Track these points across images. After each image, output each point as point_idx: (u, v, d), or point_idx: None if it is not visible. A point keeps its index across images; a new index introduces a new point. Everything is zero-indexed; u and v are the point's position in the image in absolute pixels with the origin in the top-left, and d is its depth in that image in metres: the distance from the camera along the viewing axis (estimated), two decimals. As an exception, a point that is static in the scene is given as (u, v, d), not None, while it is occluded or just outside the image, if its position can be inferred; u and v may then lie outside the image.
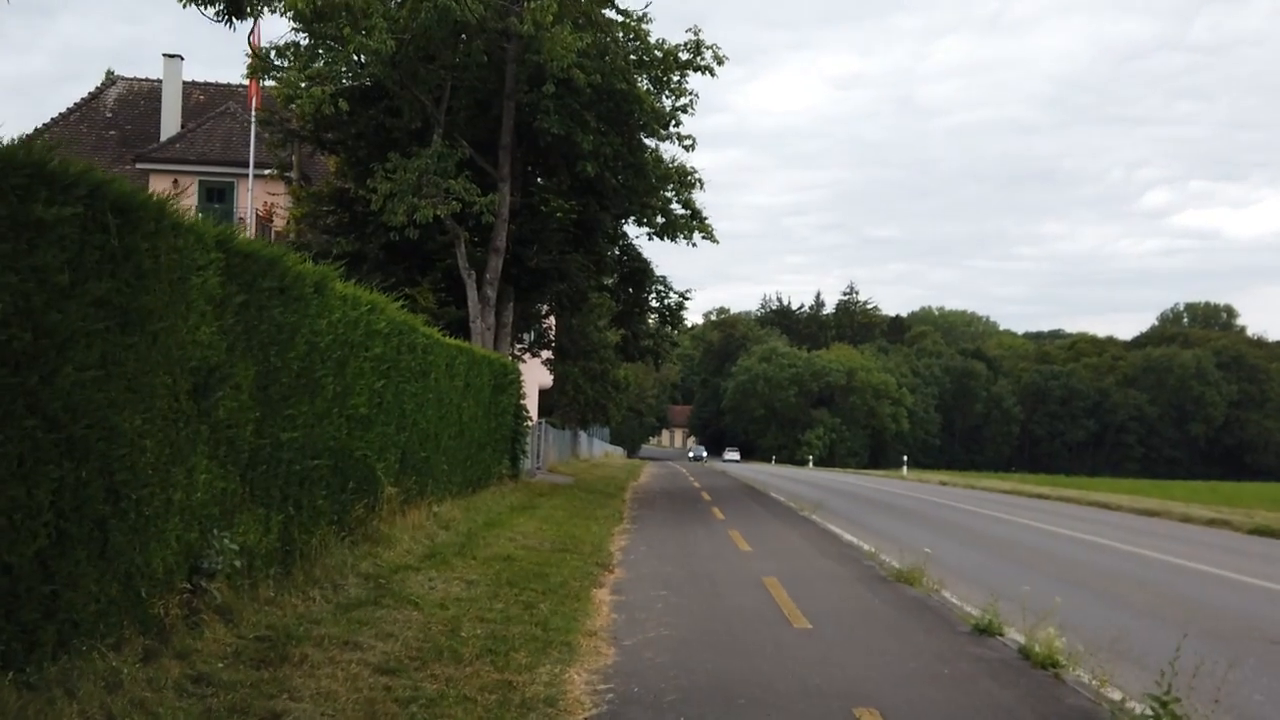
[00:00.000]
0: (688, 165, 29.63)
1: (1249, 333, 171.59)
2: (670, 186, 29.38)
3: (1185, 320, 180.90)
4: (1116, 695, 7.36)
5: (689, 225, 29.81)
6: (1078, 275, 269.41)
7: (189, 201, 34.51)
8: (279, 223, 31.31)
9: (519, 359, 31.61)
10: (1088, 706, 7.20)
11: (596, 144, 24.86)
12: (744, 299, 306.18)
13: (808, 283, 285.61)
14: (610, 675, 7.66)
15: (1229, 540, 21.38)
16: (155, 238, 6.93)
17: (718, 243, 29.84)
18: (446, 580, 10.60)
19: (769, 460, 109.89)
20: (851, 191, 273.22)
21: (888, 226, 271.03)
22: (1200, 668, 6.67)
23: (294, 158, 27.85)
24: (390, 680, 6.64)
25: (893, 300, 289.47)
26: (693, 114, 27.81)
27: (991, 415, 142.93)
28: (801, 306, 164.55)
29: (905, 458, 77.14)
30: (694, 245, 29.76)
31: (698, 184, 29.65)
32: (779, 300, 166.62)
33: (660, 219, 29.79)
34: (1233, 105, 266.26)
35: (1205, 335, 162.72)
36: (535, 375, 41.26)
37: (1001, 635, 9.48)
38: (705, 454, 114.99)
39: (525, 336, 35.25)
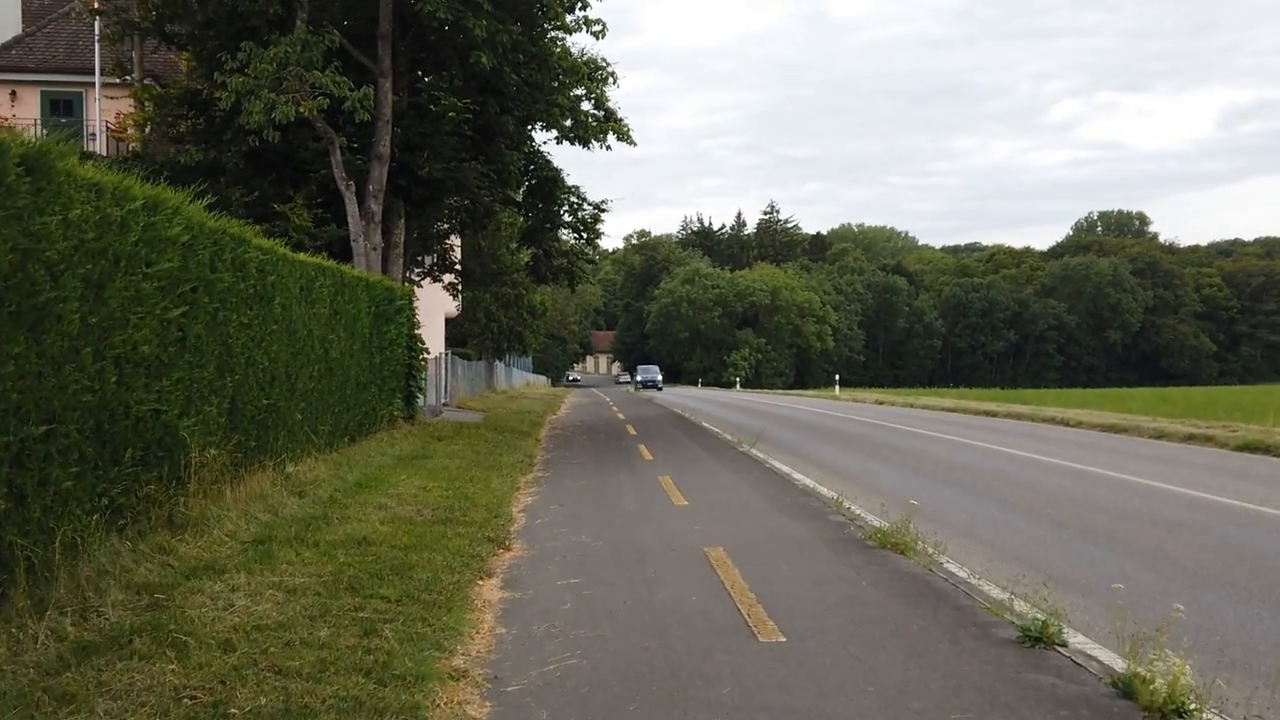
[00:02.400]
0: (599, 57, 26.20)
1: (1161, 239, 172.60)
2: (580, 83, 25.90)
3: (1099, 229, 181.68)
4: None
5: (602, 127, 26.41)
6: (990, 188, 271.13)
7: (29, 115, 30.21)
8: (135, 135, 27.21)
9: (416, 284, 28.12)
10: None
11: (491, 30, 21.25)
12: (665, 222, 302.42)
13: (727, 204, 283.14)
14: (475, 779, 4.56)
15: (1226, 460, 18.88)
16: None
17: (634, 144, 26.49)
18: (257, 589, 7.37)
19: (695, 384, 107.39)
20: (766, 112, 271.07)
21: (803, 146, 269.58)
22: None
23: (135, 54, 23.78)
24: None
25: (812, 219, 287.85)
26: (602, -4, 24.27)
27: (914, 330, 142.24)
28: (723, 227, 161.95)
29: (838, 377, 74.82)
30: (608, 148, 26.43)
31: (610, 79, 26.24)
32: (700, 221, 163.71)
33: (568, 121, 26.35)
34: (1138, 14, 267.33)
35: (1119, 243, 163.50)
36: (439, 302, 37.69)
37: (1064, 646, 6.53)
38: (660, 378, 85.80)
39: (424, 259, 31.68)
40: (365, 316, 17.58)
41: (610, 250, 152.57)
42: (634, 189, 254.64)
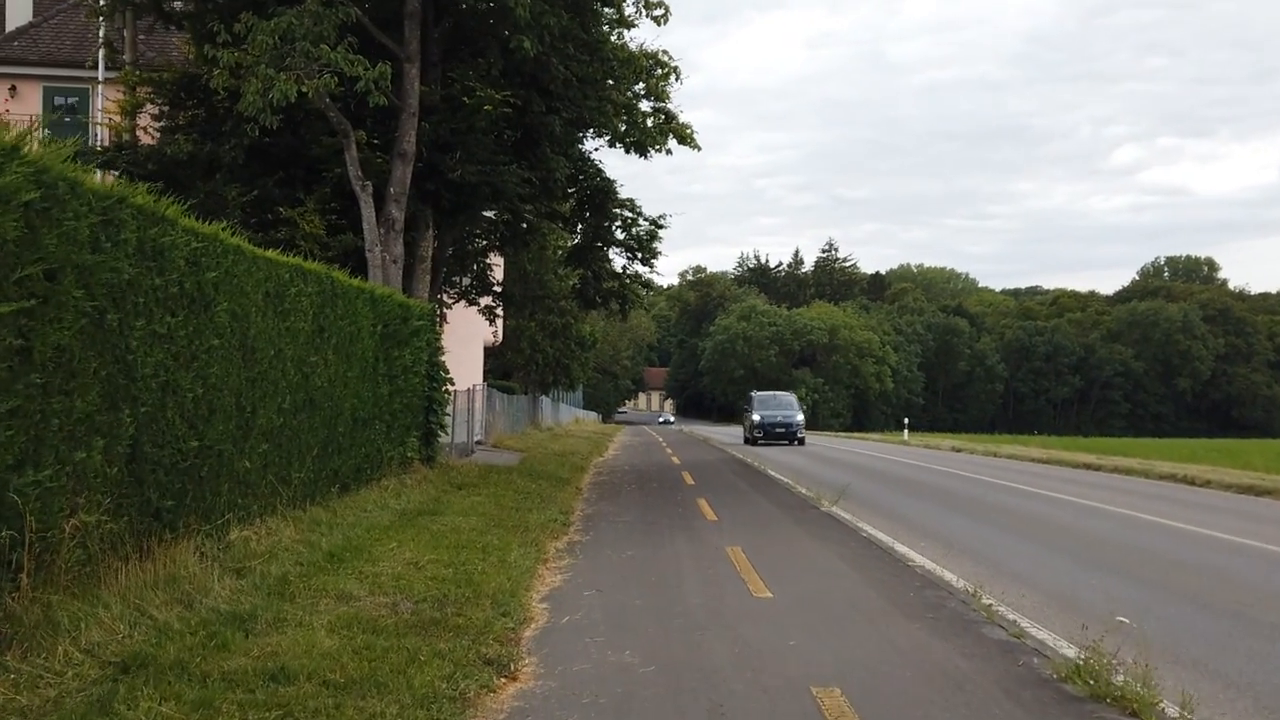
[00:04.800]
0: (660, 51, 22.97)
1: (1230, 286, 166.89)
2: (638, 78, 22.69)
3: (1166, 274, 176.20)
4: None
5: (662, 130, 23.16)
6: (1050, 232, 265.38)
7: (30, 110, 27.56)
8: (141, 135, 24.34)
9: (446, 305, 24.95)
10: None
11: (536, 11, 18.14)
12: (719, 260, 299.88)
13: (782, 244, 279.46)
14: None
15: None
16: None
17: (699, 149, 23.26)
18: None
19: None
20: (822, 152, 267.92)
21: (859, 187, 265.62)
22: None
23: (127, 33, 20.96)
24: None
25: (868, 259, 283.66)
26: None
27: (975, 373, 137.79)
28: (780, 265, 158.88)
29: (906, 421, 70.83)
30: (669, 153, 23.18)
31: (673, 75, 23.00)
32: (756, 259, 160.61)
33: (623, 125, 23.07)
34: (1200, 60, 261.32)
35: (1188, 289, 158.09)
36: (479, 329, 34.57)
37: None
38: (801, 418, 46.97)
39: (460, 279, 28.53)
40: (369, 336, 14.36)
41: (665, 286, 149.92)
42: (688, 226, 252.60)
